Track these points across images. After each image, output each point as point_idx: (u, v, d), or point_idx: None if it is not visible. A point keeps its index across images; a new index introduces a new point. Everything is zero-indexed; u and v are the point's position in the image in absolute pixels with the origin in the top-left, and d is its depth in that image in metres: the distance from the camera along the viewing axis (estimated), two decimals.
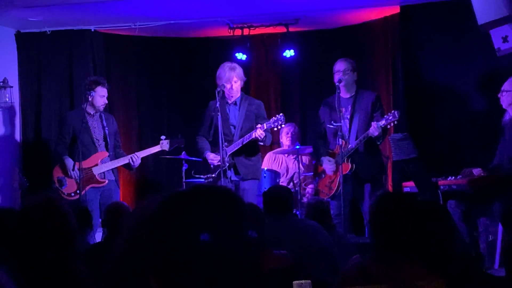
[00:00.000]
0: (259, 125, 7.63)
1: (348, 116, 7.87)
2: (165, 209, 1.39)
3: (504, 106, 7.08)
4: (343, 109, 7.88)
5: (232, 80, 7.75)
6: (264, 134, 7.61)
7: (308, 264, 4.82)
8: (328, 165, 7.96)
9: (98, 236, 7.61)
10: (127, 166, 8.11)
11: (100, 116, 8.12)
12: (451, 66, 8.56)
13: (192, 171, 8.48)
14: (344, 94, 7.92)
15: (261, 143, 7.76)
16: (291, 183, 9.06)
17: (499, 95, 7.07)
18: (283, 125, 7.80)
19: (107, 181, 7.97)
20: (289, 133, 9.41)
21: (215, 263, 1.37)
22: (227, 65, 7.89)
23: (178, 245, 1.35)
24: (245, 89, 8.22)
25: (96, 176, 7.90)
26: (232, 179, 7.74)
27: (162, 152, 8.54)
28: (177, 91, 10.48)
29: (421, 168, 6.96)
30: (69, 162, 7.92)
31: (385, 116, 7.62)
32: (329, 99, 8.17)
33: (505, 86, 7.04)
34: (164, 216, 1.38)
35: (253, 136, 7.62)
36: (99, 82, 8.03)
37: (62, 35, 9.55)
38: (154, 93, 10.39)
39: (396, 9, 8.97)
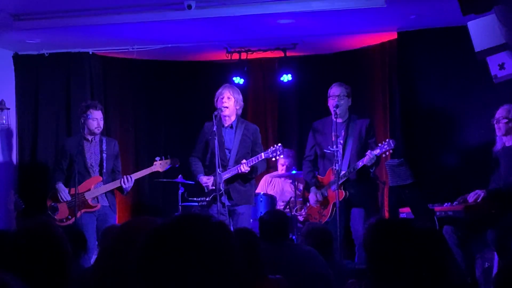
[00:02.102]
0: (243, 161, 7.60)
1: (342, 142, 7.85)
2: (152, 243, 1.39)
3: (500, 134, 7.07)
4: (334, 134, 7.85)
5: (225, 95, 7.70)
6: (249, 170, 7.58)
7: None
8: (313, 196, 7.94)
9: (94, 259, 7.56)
10: (120, 189, 8.06)
11: (101, 140, 8.11)
12: (448, 92, 8.58)
13: (185, 193, 8.45)
14: (337, 119, 7.89)
15: (249, 176, 7.72)
16: (287, 208, 9.04)
17: (493, 122, 7.07)
18: (281, 156, 7.77)
19: (99, 206, 7.94)
20: (285, 165, 9.46)
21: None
22: (224, 84, 7.92)
23: (167, 278, 1.34)
24: (242, 113, 8.19)
25: (89, 201, 7.87)
26: (226, 204, 7.67)
27: (158, 175, 8.50)
28: (174, 114, 10.49)
29: (418, 194, 6.93)
30: (61, 188, 7.92)
31: (379, 145, 7.60)
32: (315, 123, 8.18)
33: (502, 114, 7.02)
34: (151, 250, 1.38)
35: (239, 171, 7.59)
36: (90, 105, 8.03)
37: (60, 58, 9.57)
38: (151, 116, 10.40)
39: (393, 35, 9.00)
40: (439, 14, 8.08)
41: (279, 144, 7.73)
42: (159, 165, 8.05)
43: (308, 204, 8.19)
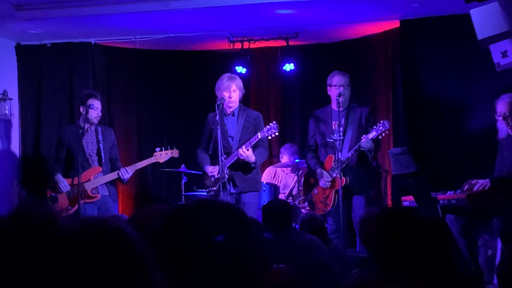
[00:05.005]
0: (242, 146, 7.59)
1: (342, 130, 7.83)
2: (168, 224, 1.39)
3: (508, 127, 7.03)
4: (335, 123, 7.84)
5: (231, 88, 7.69)
6: (249, 155, 7.55)
7: (308, 279, 4.80)
8: (322, 179, 7.90)
9: None
10: (120, 179, 8.06)
11: (96, 130, 8.09)
12: (451, 80, 8.56)
13: (194, 186, 8.46)
14: (339, 108, 7.87)
15: (253, 165, 7.67)
16: (290, 197, 9.04)
17: (498, 117, 7.03)
18: (276, 133, 7.67)
19: (99, 196, 7.93)
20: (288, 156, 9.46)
21: (217, 279, 1.37)
22: (226, 75, 7.87)
23: (181, 259, 1.35)
24: (245, 102, 8.18)
25: (88, 191, 7.87)
26: (231, 191, 7.68)
27: (161, 165, 8.49)
28: (177, 104, 10.48)
29: (421, 182, 6.94)
30: (59, 179, 7.93)
31: (374, 127, 7.58)
32: (316, 112, 8.17)
33: (507, 108, 6.98)
34: (167, 231, 1.38)
35: (239, 156, 7.55)
36: (91, 94, 8.04)
37: (62, 48, 9.55)
38: (154, 106, 10.39)
39: (396, 24, 8.98)
40: (441, 2, 8.06)
41: (274, 122, 7.68)
42: (159, 156, 8.03)
43: (310, 194, 8.15)
